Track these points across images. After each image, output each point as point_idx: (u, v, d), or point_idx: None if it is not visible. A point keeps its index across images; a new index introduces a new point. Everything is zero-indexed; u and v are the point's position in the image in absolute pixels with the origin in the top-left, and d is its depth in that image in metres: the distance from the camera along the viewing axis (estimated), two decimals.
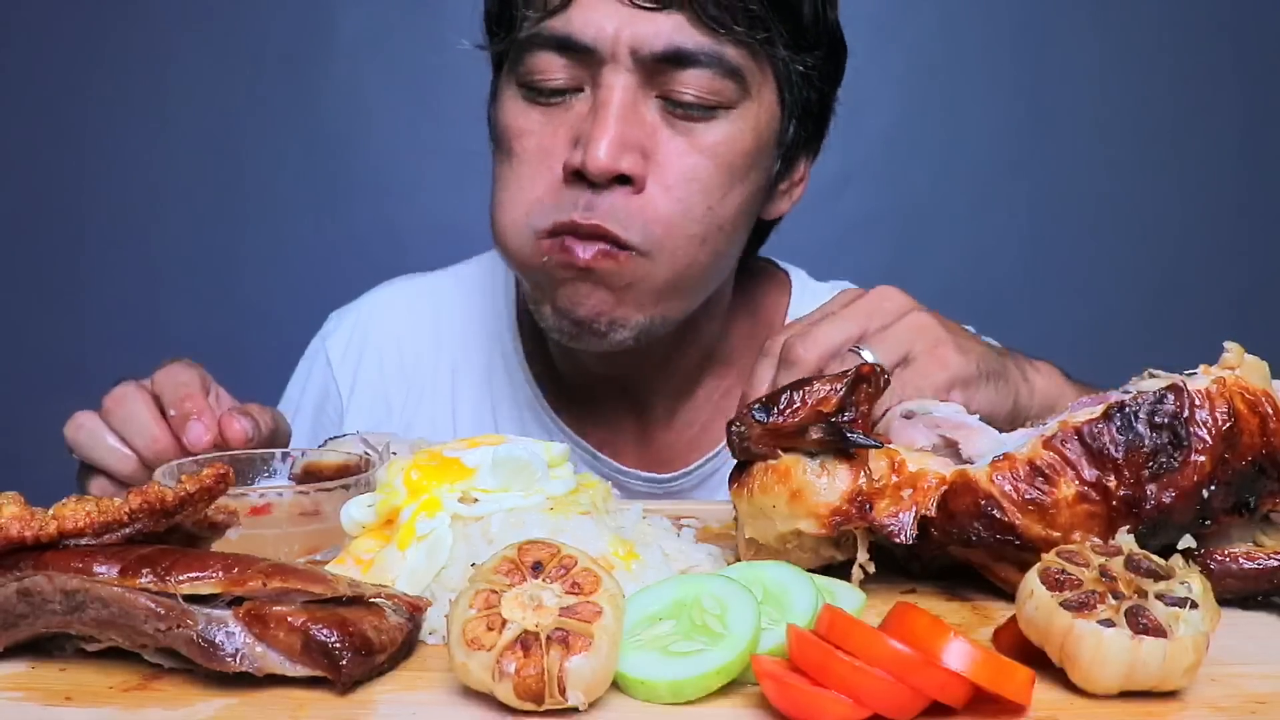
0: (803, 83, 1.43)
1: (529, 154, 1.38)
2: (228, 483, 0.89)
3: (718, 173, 1.36)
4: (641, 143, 1.33)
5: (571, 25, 1.32)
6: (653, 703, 0.77)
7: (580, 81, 1.35)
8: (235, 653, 0.79)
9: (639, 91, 1.34)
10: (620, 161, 1.31)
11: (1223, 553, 0.94)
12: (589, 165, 1.30)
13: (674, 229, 1.35)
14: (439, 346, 1.72)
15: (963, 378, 1.17)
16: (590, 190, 1.33)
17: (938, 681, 0.72)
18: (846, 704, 0.72)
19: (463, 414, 1.68)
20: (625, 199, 1.33)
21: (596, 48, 1.32)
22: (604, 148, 1.30)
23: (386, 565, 0.93)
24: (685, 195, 1.35)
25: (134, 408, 1.26)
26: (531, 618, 0.76)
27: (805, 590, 0.85)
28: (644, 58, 1.32)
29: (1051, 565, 0.81)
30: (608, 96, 1.33)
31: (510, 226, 1.40)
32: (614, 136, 1.31)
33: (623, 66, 1.32)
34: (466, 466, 0.98)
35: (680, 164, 1.35)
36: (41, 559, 0.83)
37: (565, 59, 1.34)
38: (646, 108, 1.35)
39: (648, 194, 1.34)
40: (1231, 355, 0.94)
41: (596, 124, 1.32)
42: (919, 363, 1.16)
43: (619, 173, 1.31)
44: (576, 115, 1.36)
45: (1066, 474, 0.92)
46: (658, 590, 0.85)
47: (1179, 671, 0.76)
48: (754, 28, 1.34)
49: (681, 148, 1.35)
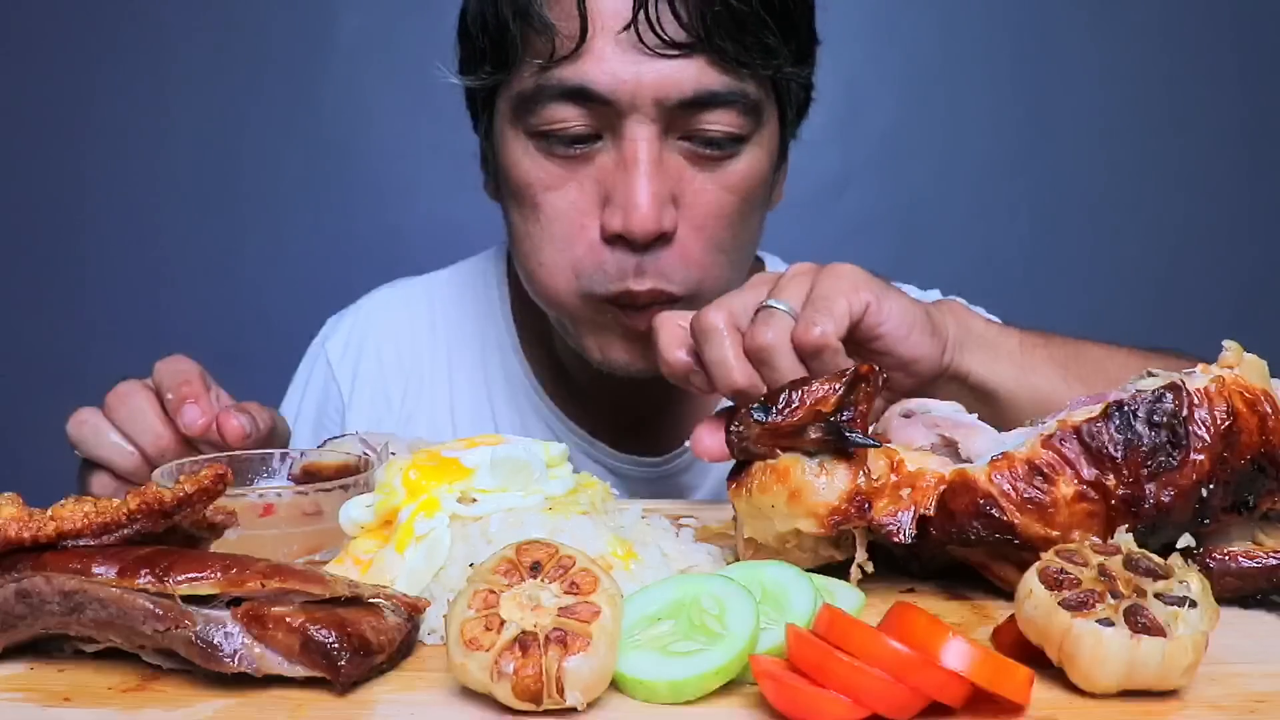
0: (799, 90, 1.45)
1: (558, 212, 1.37)
2: (226, 483, 0.89)
3: (742, 204, 1.39)
4: (671, 190, 1.34)
5: (586, 75, 1.29)
6: (651, 703, 0.77)
7: (599, 129, 1.33)
8: (234, 653, 0.79)
9: (662, 140, 1.33)
10: (662, 221, 1.32)
11: (1222, 551, 0.94)
12: (633, 229, 1.30)
13: (710, 269, 1.38)
14: (435, 342, 1.73)
15: (862, 280, 1.13)
16: (634, 253, 1.33)
17: (937, 681, 0.72)
18: (845, 704, 0.72)
19: (461, 407, 1.69)
20: (666, 252, 1.34)
21: (616, 99, 1.29)
22: (645, 210, 1.30)
23: (385, 565, 0.93)
24: (715, 233, 1.37)
25: (137, 404, 1.26)
26: (530, 618, 0.76)
27: (804, 590, 0.85)
28: (670, 105, 1.30)
29: (1050, 564, 0.81)
30: (634, 151, 1.31)
31: (557, 288, 1.40)
32: (651, 198, 1.30)
33: (646, 116, 1.30)
34: (465, 467, 0.98)
35: (707, 205, 1.36)
36: (40, 560, 0.83)
37: (581, 109, 1.32)
38: (670, 152, 1.34)
39: (680, 239, 1.35)
40: (1230, 354, 0.94)
41: (630, 185, 1.31)
42: (820, 284, 1.11)
43: (662, 233, 1.32)
44: (600, 169, 1.34)
45: (1065, 473, 0.92)
46: (656, 590, 0.85)
47: (1178, 671, 0.76)
48: (769, 59, 1.33)
49: (707, 186, 1.36)
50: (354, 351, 1.75)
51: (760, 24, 1.30)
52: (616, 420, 1.64)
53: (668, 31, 1.27)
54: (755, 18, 1.30)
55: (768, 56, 1.33)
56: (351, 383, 1.74)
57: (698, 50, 1.29)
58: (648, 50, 1.28)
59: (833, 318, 1.07)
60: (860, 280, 1.13)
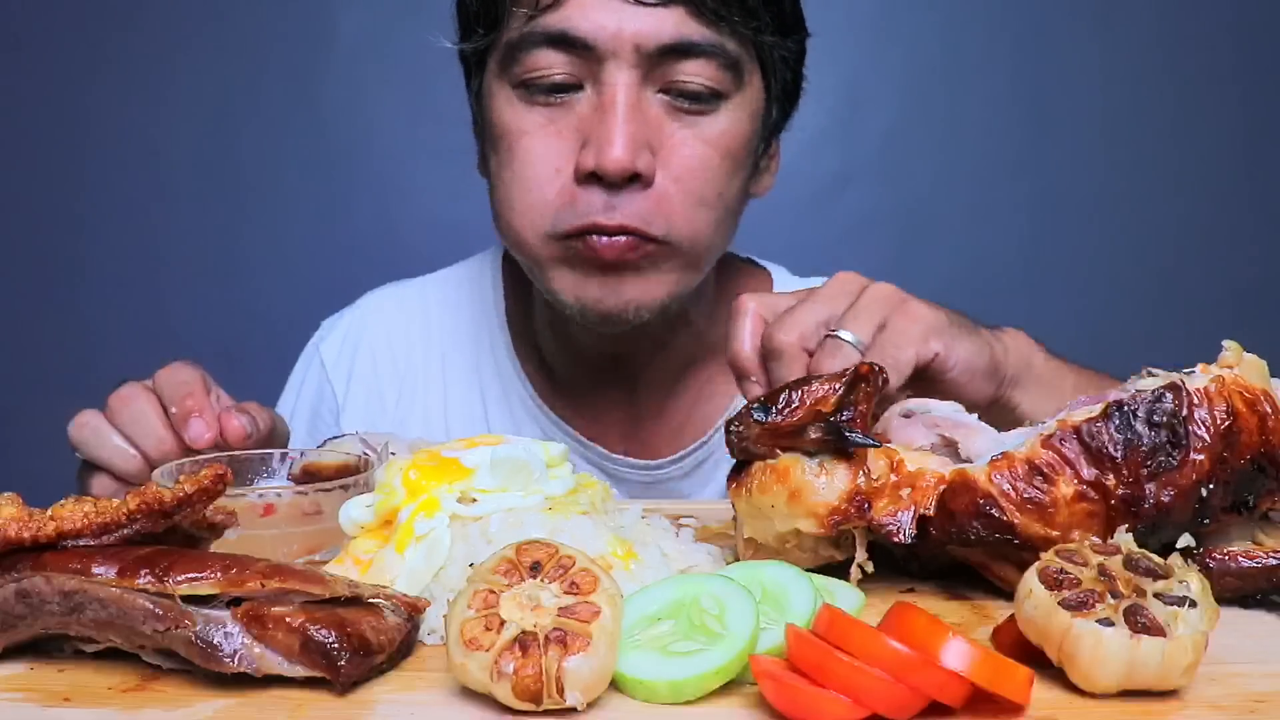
0: (783, 66, 1.46)
1: (534, 156, 1.39)
2: (226, 483, 0.89)
3: (723, 161, 1.40)
4: (649, 138, 1.35)
5: (569, 21, 1.33)
6: (651, 703, 0.77)
7: (580, 78, 1.36)
8: (234, 653, 0.79)
9: (641, 87, 1.35)
10: (636, 161, 1.33)
11: (1221, 551, 0.94)
12: (607, 166, 1.32)
13: (693, 219, 1.39)
14: (429, 344, 1.73)
15: (937, 327, 1.17)
16: (606, 191, 1.35)
17: (937, 681, 0.72)
18: (845, 704, 0.72)
19: (454, 408, 1.69)
20: (641, 196, 1.35)
21: (596, 44, 1.33)
22: (619, 149, 1.32)
23: (385, 565, 0.93)
24: (696, 186, 1.38)
25: (140, 408, 1.26)
26: (530, 618, 0.76)
27: (804, 590, 0.85)
28: (649, 52, 1.33)
29: (1050, 564, 0.81)
30: (613, 95, 1.34)
31: (526, 229, 1.41)
32: (626, 136, 1.32)
33: (625, 62, 1.33)
34: (465, 467, 0.98)
35: (688, 155, 1.37)
36: (40, 560, 0.83)
37: (564, 55, 1.35)
38: (649, 102, 1.36)
39: (658, 186, 1.37)
40: (1230, 354, 0.94)
41: (606, 125, 1.33)
42: (893, 322, 1.15)
43: (635, 172, 1.33)
44: (579, 115, 1.37)
45: (1065, 473, 0.92)
46: (656, 590, 0.85)
47: (1178, 671, 0.76)
48: (748, 18, 1.36)
49: (687, 139, 1.37)
50: (349, 353, 1.75)
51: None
52: (610, 424, 1.64)
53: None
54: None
55: (746, 15, 1.36)
56: (346, 384, 1.74)
57: (677, 1, 1.33)
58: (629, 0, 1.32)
59: (898, 370, 1.12)
60: (932, 326, 1.17)
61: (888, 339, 1.14)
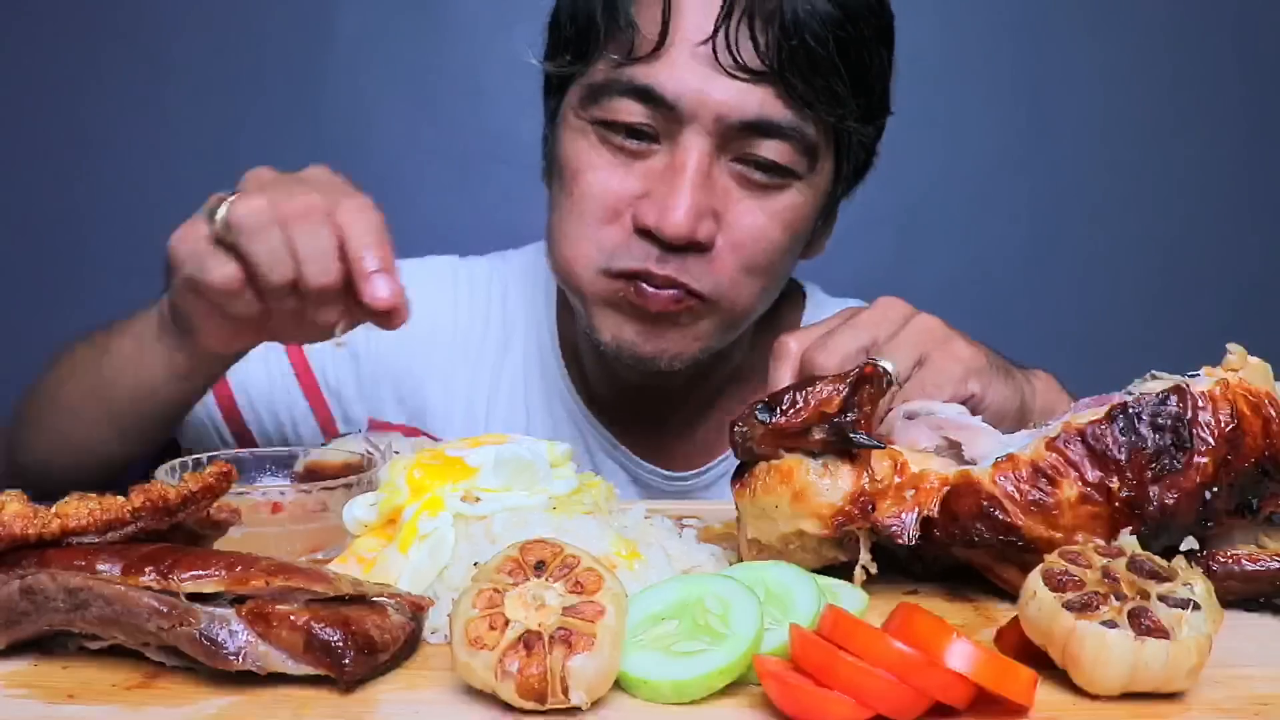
0: (859, 148, 1.47)
1: (596, 195, 1.38)
2: (230, 481, 0.89)
3: (783, 236, 1.40)
4: (714, 206, 1.35)
5: (656, 77, 1.32)
6: (655, 703, 0.77)
7: (657, 130, 1.36)
8: (238, 651, 0.79)
9: (716, 155, 1.35)
10: (697, 230, 1.33)
11: (1225, 554, 0.94)
12: (665, 231, 1.32)
13: (740, 286, 1.40)
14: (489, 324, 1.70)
15: (976, 368, 1.18)
16: (661, 248, 1.35)
17: (941, 682, 0.72)
18: (849, 704, 0.72)
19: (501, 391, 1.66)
20: (695, 258, 1.36)
21: (679, 105, 1.32)
22: (681, 215, 1.31)
23: (389, 564, 0.93)
24: (752, 256, 1.39)
25: (320, 231, 1.09)
26: (534, 617, 0.76)
27: (808, 591, 0.85)
28: (730, 124, 1.32)
29: (1054, 566, 0.81)
30: (685, 160, 1.33)
31: (577, 261, 1.41)
32: (690, 205, 1.32)
33: (704, 129, 1.33)
34: (469, 466, 0.98)
35: (749, 225, 1.37)
36: (44, 557, 0.83)
37: (645, 108, 1.34)
38: (719, 170, 1.36)
39: (716, 251, 1.37)
40: (1235, 357, 0.94)
41: (674, 190, 1.33)
42: (934, 360, 1.16)
43: (694, 241, 1.33)
44: (649, 167, 1.36)
45: (1069, 475, 0.92)
46: (660, 590, 0.85)
47: (1182, 673, 0.76)
48: (834, 106, 1.35)
49: (752, 210, 1.37)
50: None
51: (832, 69, 1.33)
52: (639, 435, 1.64)
53: (743, 55, 1.30)
54: (829, 62, 1.32)
55: (834, 103, 1.35)
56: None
57: (767, 80, 1.31)
58: (720, 69, 1.31)
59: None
60: (972, 368, 1.18)
61: (927, 375, 1.15)
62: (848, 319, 1.23)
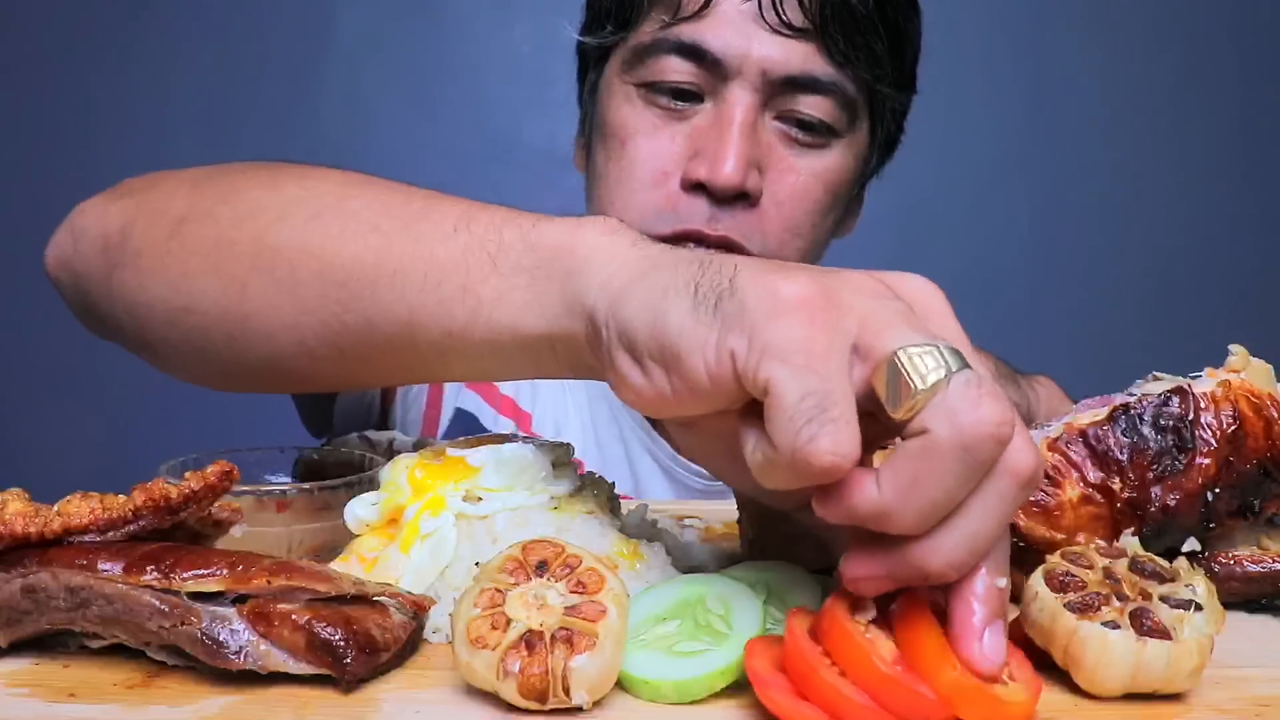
0: (890, 117, 1.51)
1: (643, 156, 1.40)
2: (232, 479, 0.89)
3: (825, 196, 1.42)
4: (760, 159, 1.38)
5: (702, 34, 1.35)
6: (656, 702, 0.77)
7: (702, 89, 1.38)
8: (239, 650, 0.79)
9: (760, 110, 1.38)
10: (746, 179, 1.35)
11: (1227, 556, 0.94)
12: (716, 180, 1.34)
13: (785, 244, 1.41)
14: None
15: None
16: (712, 203, 1.37)
17: (922, 710, 0.69)
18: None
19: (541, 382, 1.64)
20: (745, 213, 1.38)
21: (725, 60, 1.35)
22: (731, 164, 1.34)
23: (390, 564, 0.93)
24: (796, 212, 1.40)
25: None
26: (536, 617, 0.76)
27: (811, 591, 0.85)
28: (774, 79, 1.36)
29: (1056, 567, 0.81)
30: (731, 113, 1.36)
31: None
32: (740, 154, 1.34)
33: (749, 84, 1.35)
34: (470, 465, 0.97)
35: (794, 182, 1.40)
36: (46, 555, 0.83)
37: (691, 65, 1.37)
38: (764, 126, 1.39)
39: (762, 207, 1.39)
40: (1237, 358, 0.94)
41: (722, 140, 1.35)
42: None
43: (743, 189, 1.35)
44: (695, 126, 1.39)
45: (1071, 476, 0.92)
46: (662, 590, 0.85)
47: (1183, 674, 0.76)
48: (873, 65, 1.39)
49: (796, 166, 1.40)
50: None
51: (872, 29, 1.37)
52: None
53: (788, 13, 1.35)
54: (869, 21, 1.37)
55: (872, 62, 1.39)
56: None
57: (810, 37, 1.35)
58: (765, 26, 1.35)
59: None
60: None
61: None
62: None
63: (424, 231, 0.88)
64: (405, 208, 0.92)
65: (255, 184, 1.02)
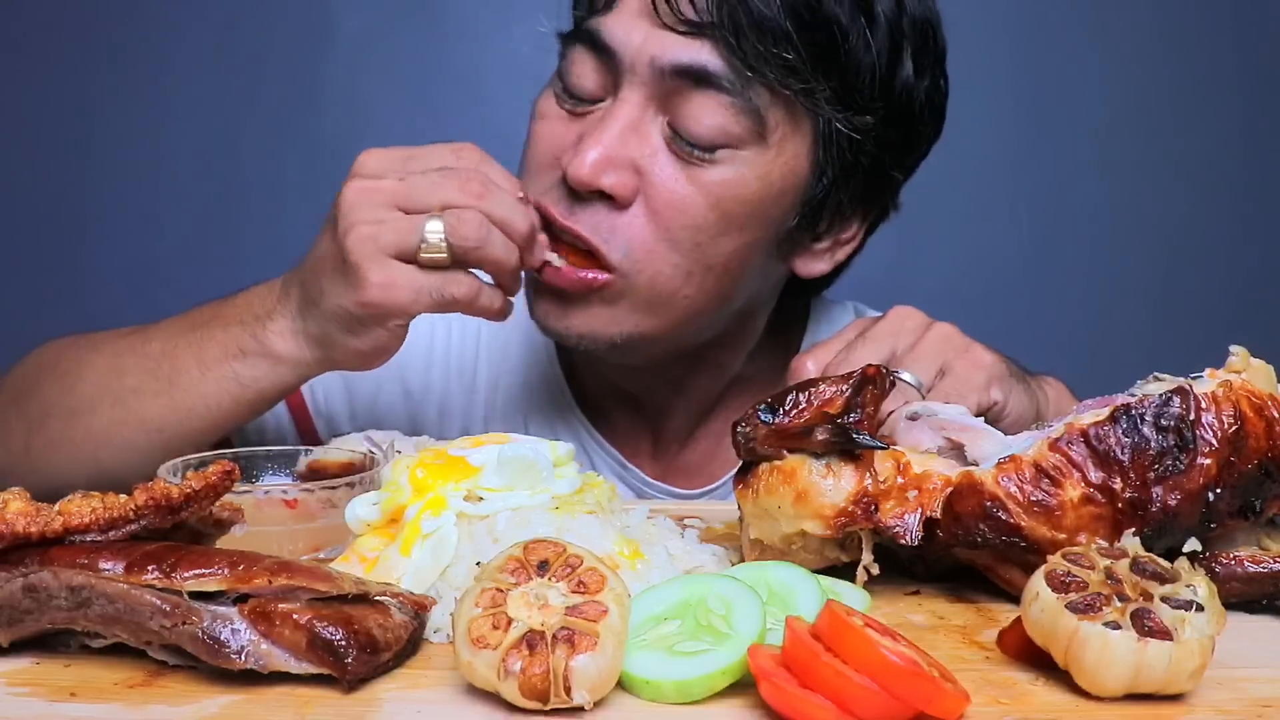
0: (848, 145, 1.36)
1: (541, 140, 1.37)
2: (233, 480, 0.89)
3: (710, 212, 1.32)
4: (636, 162, 1.30)
5: (604, 26, 1.32)
6: (657, 702, 0.77)
7: (606, 92, 1.34)
8: (240, 650, 0.79)
9: (649, 110, 1.31)
10: (602, 177, 1.28)
11: (1228, 556, 0.94)
12: (569, 173, 1.29)
13: (655, 255, 1.32)
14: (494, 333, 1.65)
15: (998, 376, 1.19)
16: (571, 196, 1.31)
17: (927, 693, 0.72)
18: (831, 710, 0.71)
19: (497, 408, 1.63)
20: (606, 213, 1.30)
21: (620, 54, 1.30)
22: (588, 160, 1.28)
23: (391, 563, 0.93)
24: (671, 225, 1.31)
25: (505, 194, 1.24)
26: (537, 616, 0.76)
27: (811, 591, 0.85)
28: (662, 68, 1.28)
29: (1057, 567, 0.81)
30: (616, 110, 1.31)
31: None
32: (602, 151, 1.28)
33: (639, 79, 1.30)
34: (472, 465, 0.97)
35: (672, 192, 1.31)
36: (47, 555, 0.83)
37: (593, 60, 1.33)
38: (652, 128, 1.31)
39: (632, 213, 1.31)
40: (1238, 359, 0.94)
41: (590, 135, 1.30)
42: (957, 369, 1.17)
43: (599, 188, 1.29)
44: (590, 123, 1.33)
45: (1072, 476, 0.92)
46: (663, 590, 0.85)
47: (1184, 674, 0.76)
48: (790, 78, 1.28)
49: (678, 177, 1.31)
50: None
51: (783, 36, 1.27)
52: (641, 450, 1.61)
53: (683, 10, 1.28)
54: (777, 28, 1.27)
55: (786, 73, 1.28)
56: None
57: (706, 32, 1.27)
58: (662, 24, 1.29)
59: None
60: (994, 375, 1.19)
61: (951, 385, 1.16)
62: (863, 332, 1.21)
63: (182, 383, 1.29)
64: (157, 370, 1.31)
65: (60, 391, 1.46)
